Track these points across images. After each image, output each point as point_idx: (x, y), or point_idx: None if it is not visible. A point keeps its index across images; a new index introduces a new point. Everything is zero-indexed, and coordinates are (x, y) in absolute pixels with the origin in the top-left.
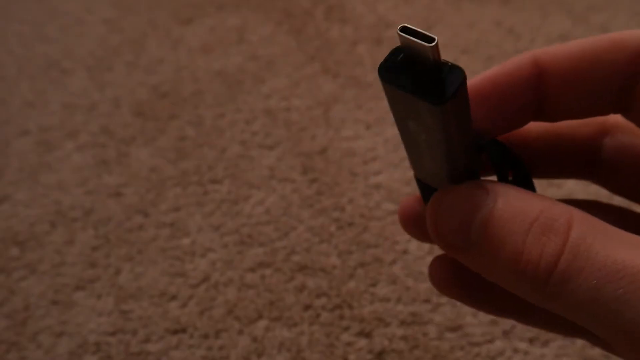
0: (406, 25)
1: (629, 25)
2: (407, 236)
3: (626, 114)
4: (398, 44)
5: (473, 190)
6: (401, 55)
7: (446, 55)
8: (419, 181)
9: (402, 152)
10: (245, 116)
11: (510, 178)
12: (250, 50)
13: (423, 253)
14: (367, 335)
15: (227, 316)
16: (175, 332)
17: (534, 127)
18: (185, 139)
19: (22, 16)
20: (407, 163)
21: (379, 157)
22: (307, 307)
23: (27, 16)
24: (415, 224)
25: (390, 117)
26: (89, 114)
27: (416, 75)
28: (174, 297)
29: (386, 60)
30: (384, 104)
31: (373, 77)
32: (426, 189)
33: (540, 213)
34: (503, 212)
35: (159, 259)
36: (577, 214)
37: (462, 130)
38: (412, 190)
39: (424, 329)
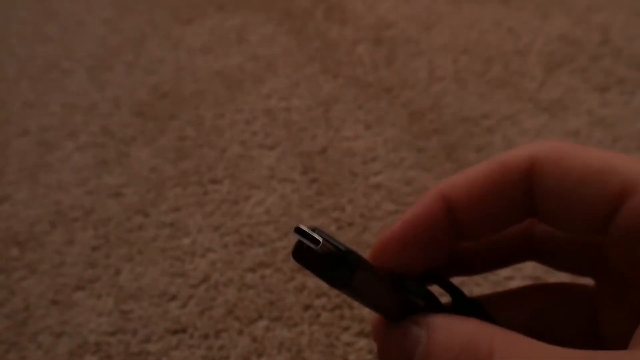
0: (299, 226)
1: (629, 25)
2: None
3: (537, 217)
4: (398, 44)
5: (409, 328)
6: (307, 248)
7: (446, 55)
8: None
9: (402, 152)
10: (245, 116)
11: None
12: (250, 50)
13: None
14: (367, 335)
15: (227, 316)
16: (175, 332)
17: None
18: (185, 139)
19: (22, 16)
20: (407, 163)
21: (379, 157)
22: (307, 307)
23: (27, 16)
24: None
25: (390, 117)
26: (89, 114)
27: (322, 263)
28: (174, 297)
29: (296, 246)
30: (384, 104)
31: (373, 77)
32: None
33: (466, 343)
34: (435, 346)
35: (159, 259)
36: (498, 336)
37: (377, 290)
38: (412, 190)
39: None
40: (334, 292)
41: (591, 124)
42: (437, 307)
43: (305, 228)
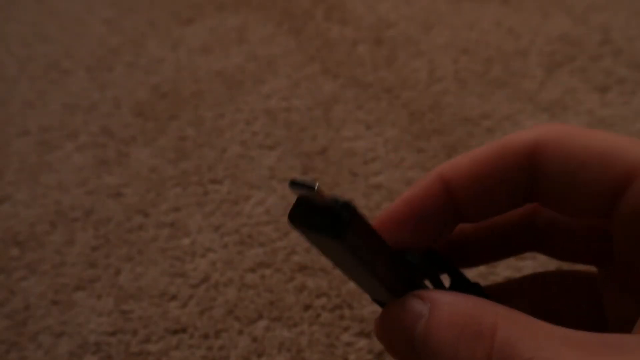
0: (294, 178)
1: (629, 25)
2: None
3: (540, 202)
4: (398, 44)
5: (411, 303)
6: (304, 204)
7: (446, 55)
8: (376, 301)
9: (403, 152)
10: (245, 116)
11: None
12: (250, 50)
13: None
14: (367, 335)
15: (227, 316)
16: (175, 332)
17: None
18: (185, 139)
19: (22, 16)
20: (407, 163)
21: (379, 158)
22: (307, 307)
23: (27, 16)
24: None
25: (390, 117)
26: (89, 114)
27: (318, 217)
28: (174, 297)
29: (292, 209)
30: (384, 104)
31: (373, 77)
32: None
33: (469, 319)
34: (438, 322)
35: (159, 259)
36: (502, 313)
37: (375, 251)
38: None
39: None
40: (333, 292)
41: (591, 124)
42: (438, 285)
43: (300, 179)
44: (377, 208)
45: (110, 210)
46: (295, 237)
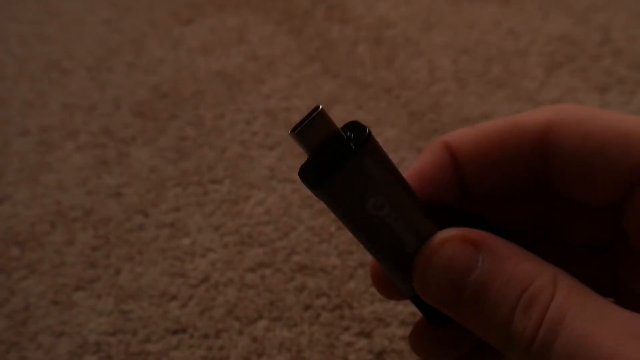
0: (294, 126)
1: (629, 25)
2: None
3: (551, 187)
4: (398, 44)
5: (462, 247)
6: (314, 155)
7: (446, 55)
8: (415, 299)
9: (403, 152)
10: (245, 116)
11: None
12: (250, 50)
13: None
14: (367, 335)
15: (227, 316)
16: (175, 332)
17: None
18: (185, 139)
19: (22, 16)
20: (407, 163)
21: None
22: (307, 307)
23: (27, 16)
24: (386, 282)
25: (390, 117)
26: (89, 114)
27: (333, 154)
28: (174, 297)
29: (303, 168)
30: (384, 104)
31: (373, 77)
32: (422, 305)
33: (530, 282)
34: (496, 276)
35: (159, 259)
36: (561, 281)
37: (392, 180)
38: None
39: None
40: (334, 292)
41: None
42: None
43: (299, 122)
44: None
45: (110, 210)
46: (296, 237)
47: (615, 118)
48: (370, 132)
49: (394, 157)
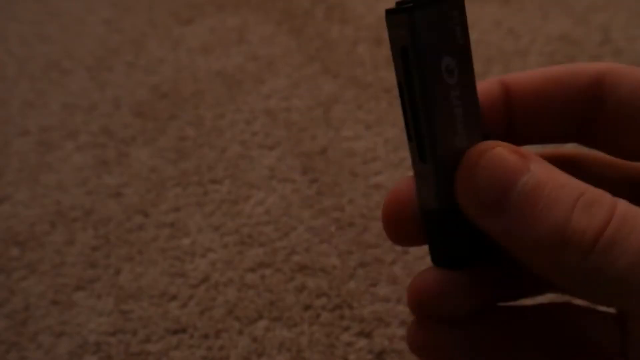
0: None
1: (629, 25)
2: None
3: (590, 142)
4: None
5: (515, 153)
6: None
7: None
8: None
9: (403, 152)
10: (245, 116)
11: None
12: (250, 50)
13: (423, 253)
14: (367, 335)
15: (227, 316)
16: (175, 332)
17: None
18: (185, 139)
19: (22, 16)
20: (407, 163)
21: (379, 158)
22: (307, 307)
23: (27, 16)
24: (403, 219)
25: (390, 117)
26: (89, 114)
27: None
28: (174, 297)
29: (398, 3)
30: (384, 104)
31: (373, 77)
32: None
33: (586, 189)
34: (550, 180)
35: (159, 259)
36: (621, 199)
37: (471, 60)
38: None
39: None
40: (334, 292)
41: None
42: None
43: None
44: (377, 208)
45: (110, 210)
46: (295, 237)
47: None
48: None
49: (394, 157)
